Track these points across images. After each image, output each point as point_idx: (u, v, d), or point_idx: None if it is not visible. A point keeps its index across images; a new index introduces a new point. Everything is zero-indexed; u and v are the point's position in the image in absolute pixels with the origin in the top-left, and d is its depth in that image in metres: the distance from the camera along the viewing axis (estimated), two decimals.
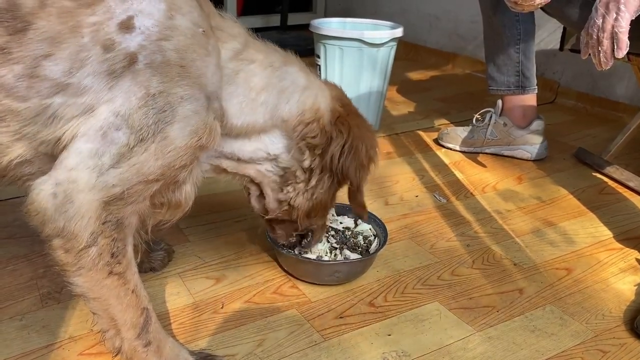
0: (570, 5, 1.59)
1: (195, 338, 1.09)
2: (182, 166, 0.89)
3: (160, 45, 0.84)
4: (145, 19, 0.83)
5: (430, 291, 1.27)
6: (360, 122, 1.13)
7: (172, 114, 0.84)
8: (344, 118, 1.09)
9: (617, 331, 1.16)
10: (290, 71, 1.05)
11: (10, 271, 1.26)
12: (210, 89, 0.91)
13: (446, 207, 1.66)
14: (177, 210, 1.00)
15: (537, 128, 1.98)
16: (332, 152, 1.08)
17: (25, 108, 0.81)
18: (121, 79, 0.82)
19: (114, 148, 0.82)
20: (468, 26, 3.12)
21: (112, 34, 0.82)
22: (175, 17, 0.86)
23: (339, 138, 1.08)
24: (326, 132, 1.07)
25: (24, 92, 0.80)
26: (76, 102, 0.82)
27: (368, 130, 1.14)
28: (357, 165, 1.10)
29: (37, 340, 1.06)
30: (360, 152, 1.10)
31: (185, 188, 0.97)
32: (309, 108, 1.05)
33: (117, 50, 0.82)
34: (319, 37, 2.08)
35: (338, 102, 1.11)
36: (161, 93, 0.83)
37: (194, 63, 0.87)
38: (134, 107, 0.82)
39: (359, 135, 1.10)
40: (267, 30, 3.68)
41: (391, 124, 2.32)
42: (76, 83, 0.81)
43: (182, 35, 0.86)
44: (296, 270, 1.28)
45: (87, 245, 0.83)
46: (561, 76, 2.73)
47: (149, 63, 0.83)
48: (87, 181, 0.82)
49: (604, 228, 1.57)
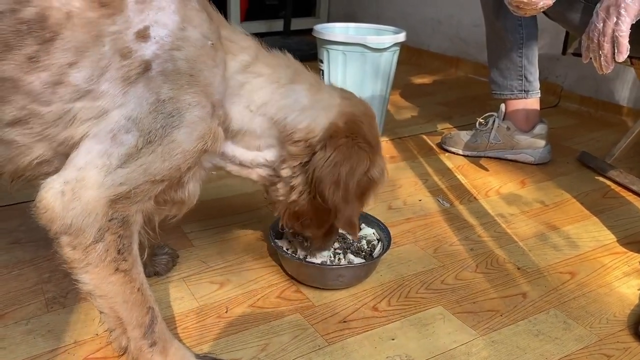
0: (572, 10, 1.60)
1: (199, 342, 1.10)
2: (188, 168, 0.94)
3: (172, 55, 0.88)
4: (160, 29, 0.87)
5: (433, 295, 1.27)
6: (358, 142, 1.09)
7: (180, 119, 0.88)
8: (339, 135, 1.07)
9: (621, 335, 1.16)
10: (296, 89, 1.07)
11: (16, 276, 1.27)
12: (216, 98, 0.95)
13: (449, 211, 1.66)
14: (182, 206, 1.04)
15: (541, 132, 1.98)
16: (312, 166, 1.08)
17: (48, 112, 0.85)
18: (135, 85, 0.86)
19: (122, 149, 0.86)
20: (470, 30, 3.13)
21: (130, 42, 0.86)
22: (187, 29, 0.90)
23: (321, 153, 1.07)
24: (311, 149, 1.07)
25: (49, 97, 0.84)
26: (93, 105, 0.86)
27: (367, 152, 1.10)
28: (331, 182, 1.07)
29: (42, 345, 1.07)
30: (339, 170, 1.06)
31: (188, 187, 1.01)
32: (303, 127, 1.06)
33: (133, 57, 0.86)
34: (322, 42, 2.09)
35: (343, 119, 1.09)
36: (171, 99, 0.87)
37: (202, 73, 0.91)
38: (145, 111, 0.86)
39: (347, 155, 1.07)
40: (271, 35, 3.69)
41: (394, 128, 2.32)
42: (96, 89, 0.85)
43: (192, 47, 0.90)
44: (300, 274, 1.28)
45: (94, 241, 0.86)
46: (564, 80, 2.73)
47: (161, 71, 0.87)
48: (95, 180, 0.85)
49: (608, 232, 1.57)
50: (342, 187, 1.08)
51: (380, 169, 1.15)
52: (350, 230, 1.18)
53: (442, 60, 3.36)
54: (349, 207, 1.11)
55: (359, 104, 1.15)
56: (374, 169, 1.13)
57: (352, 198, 1.11)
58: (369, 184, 1.13)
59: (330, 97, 1.11)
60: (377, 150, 1.15)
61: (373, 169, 1.12)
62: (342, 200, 1.09)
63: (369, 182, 1.13)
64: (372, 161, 1.12)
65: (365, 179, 1.12)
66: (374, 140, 1.13)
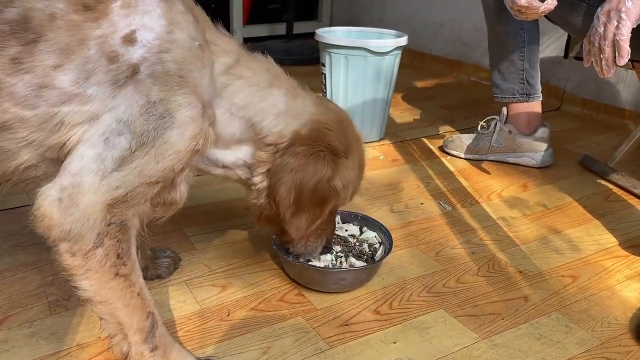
0: (573, 14, 1.60)
1: (201, 345, 1.10)
2: (181, 169, 0.94)
3: (160, 57, 0.88)
4: (146, 33, 0.88)
5: (435, 299, 1.27)
6: (319, 150, 1.08)
7: (172, 120, 0.89)
8: (299, 143, 1.07)
9: (623, 339, 1.16)
10: (275, 94, 1.08)
11: (19, 279, 1.27)
12: (206, 98, 0.95)
13: (451, 215, 1.66)
14: (172, 207, 1.04)
15: (542, 135, 1.98)
16: (272, 172, 1.09)
17: (33, 116, 0.85)
18: (124, 88, 0.86)
19: (116, 152, 0.86)
20: (472, 34, 3.13)
21: (116, 46, 0.86)
22: (174, 32, 0.91)
23: (279, 159, 1.08)
24: (277, 155, 1.08)
25: (33, 101, 0.84)
26: (81, 109, 0.85)
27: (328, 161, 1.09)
28: (284, 189, 1.07)
29: (45, 347, 1.07)
30: (292, 176, 1.07)
31: (180, 188, 1.01)
32: (276, 132, 1.07)
33: (121, 61, 0.86)
34: (324, 46, 2.09)
35: (308, 127, 1.09)
36: (161, 101, 0.88)
37: (191, 74, 0.91)
38: (135, 114, 0.86)
39: (303, 162, 1.07)
40: (273, 38, 3.71)
41: (396, 132, 2.32)
42: (82, 92, 0.85)
43: (180, 48, 0.90)
44: (302, 278, 1.29)
45: (94, 247, 0.86)
46: (566, 83, 2.73)
47: (150, 73, 0.87)
48: (91, 184, 0.85)
49: (610, 235, 1.57)
50: (295, 194, 1.08)
51: (346, 180, 1.13)
52: (297, 237, 1.17)
53: (444, 63, 3.36)
54: (299, 214, 1.10)
55: (332, 112, 1.14)
56: (337, 179, 1.11)
57: (306, 205, 1.09)
58: (329, 193, 1.11)
59: (305, 104, 1.11)
60: (346, 160, 1.12)
61: (336, 178, 1.11)
62: (290, 206, 1.08)
63: (329, 191, 1.11)
64: (336, 170, 1.10)
65: (326, 187, 1.10)
66: (343, 148, 1.11)
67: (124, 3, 0.88)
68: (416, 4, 3.47)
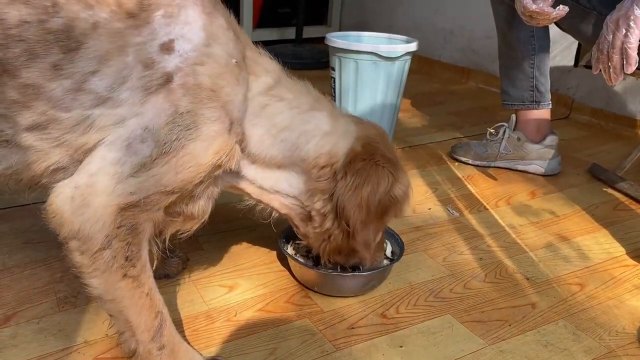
0: (584, 22, 1.60)
1: (208, 345, 1.10)
2: (200, 182, 0.94)
3: (195, 69, 0.89)
4: (185, 43, 0.88)
5: (442, 304, 1.27)
6: (376, 162, 1.10)
7: (197, 132, 0.89)
8: (358, 159, 1.08)
9: (631, 348, 1.15)
10: (317, 116, 1.09)
11: (28, 275, 1.28)
12: (236, 115, 0.95)
13: (459, 221, 1.66)
14: (192, 221, 1.04)
15: (551, 143, 1.97)
16: (337, 194, 1.08)
17: (67, 117, 0.86)
18: (155, 95, 0.87)
19: (136, 158, 0.86)
20: (482, 42, 3.13)
21: (153, 53, 0.87)
22: (212, 46, 0.91)
23: (344, 179, 1.07)
24: (336, 176, 1.08)
25: (69, 104, 0.85)
26: (111, 112, 0.86)
27: (388, 170, 1.11)
28: (353, 206, 1.07)
29: (53, 344, 1.08)
30: (361, 192, 1.07)
31: (199, 202, 1.01)
32: (326, 152, 1.08)
33: (156, 68, 0.87)
34: (334, 50, 2.10)
35: (360, 143, 1.10)
36: (189, 112, 0.88)
37: (223, 89, 0.92)
38: (162, 122, 0.87)
39: (367, 176, 1.08)
40: (283, 43, 3.72)
41: (405, 137, 2.33)
42: (116, 97, 0.86)
43: (216, 63, 0.91)
44: (308, 281, 1.29)
45: (101, 248, 0.86)
46: (576, 92, 2.73)
47: (182, 84, 0.88)
48: (106, 187, 0.85)
49: (618, 244, 1.56)
50: (365, 209, 1.08)
51: (404, 187, 1.14)
52: (368, 254, 1.17)
53: (453, 70, 3.36)
54: (366, 228, 1.11)
55: (371, 127, 1.17)
56: (397, 187, 1.12)
57: (372, 219, 1.11)
58: (390, 203, 1.13)
59: (347, 123, 1.13)
60: (399, 167, 1.15)
61: (396, 187, 1.12)
62: (361, 222, 1.09)
63: (390, 201, 1.12)
64: (395, 178, 1.12)
65: (387, 198, 1.11)
66: (394, 157, 1.14)
67: (167, 12, 0.88)
68: (425, 11, 3.48)
